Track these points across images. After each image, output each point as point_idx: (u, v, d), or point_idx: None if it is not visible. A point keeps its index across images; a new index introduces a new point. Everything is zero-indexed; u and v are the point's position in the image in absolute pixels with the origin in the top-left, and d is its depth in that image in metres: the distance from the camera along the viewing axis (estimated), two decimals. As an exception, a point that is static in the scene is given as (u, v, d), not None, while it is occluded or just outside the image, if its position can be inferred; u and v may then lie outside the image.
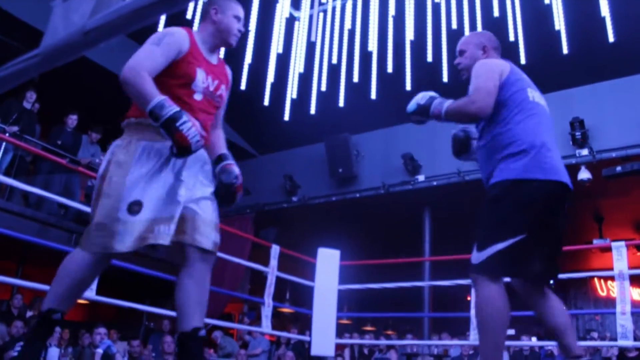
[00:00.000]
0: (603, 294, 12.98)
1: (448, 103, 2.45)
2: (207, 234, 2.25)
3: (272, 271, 5.60)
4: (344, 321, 14.87)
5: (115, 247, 2.12)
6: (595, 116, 7.76)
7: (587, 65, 7.69)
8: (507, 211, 2.29)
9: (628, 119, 7.58)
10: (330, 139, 9.39)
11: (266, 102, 8.43)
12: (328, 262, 6.21)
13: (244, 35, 7.75)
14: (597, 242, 9.30)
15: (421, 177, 8.90)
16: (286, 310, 13.87)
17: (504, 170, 2.33)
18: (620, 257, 4.97)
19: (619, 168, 7.58)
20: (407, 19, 7.54)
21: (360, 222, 10.95)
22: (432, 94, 2.58)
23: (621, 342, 4.56)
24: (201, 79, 2.33)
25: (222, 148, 2.54)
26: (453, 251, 6.23)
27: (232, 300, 10.76)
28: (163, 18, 7.24)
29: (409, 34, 7.56)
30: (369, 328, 15.65)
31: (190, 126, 2.08)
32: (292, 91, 8.28)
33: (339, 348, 8.82)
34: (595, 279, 12.91)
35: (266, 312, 5.49)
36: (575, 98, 8.10)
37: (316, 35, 8.05)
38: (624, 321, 4.67)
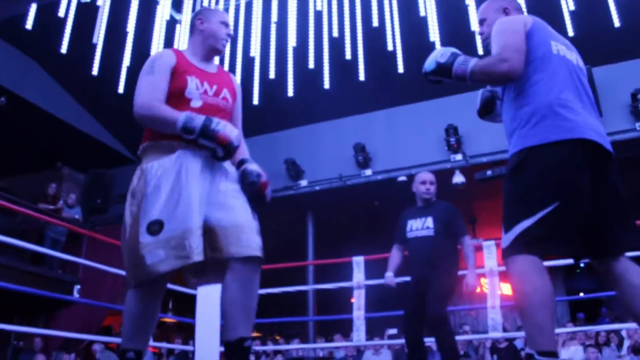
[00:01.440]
0: (477, 290, 13.73)
1: (474, 62, 2.17)
2: (245, 240, 2.17)
3: (153, 281, 5.42)
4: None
5: (149, 272, 2.09)
6: (468, 123, 8.21)
7: (459, 75, 8.13)
8: (529, 182, 2.00)
9: (498, 126, 8.04)
10: (212, 144, 9.24)
11: (145, 107, 8.16)
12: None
13: (123, 37, 7.47)
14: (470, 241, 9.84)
15: (304, 182, 8.99)
16: (169, 320, 13.50)
17: (522, 138, 2.08)
18: (490, 255, 5.28)
19: (489, 172, 8.07)
20: (290, 25, 7.60)
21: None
22: (453, 49, 2.29)
23: (492, 334, 4.84)
24: (194, 86, 2.32)
25: (242, 154, 2.50)
26: (336, 254, 6.35)
27: (112, 312, 10.30)
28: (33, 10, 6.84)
29: (291, 41, 7.62)
30: (255, 334, 15.55)
31: (224, 124, 2.15)
32: (173, 96, 8.09)
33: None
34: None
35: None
36: (449, 106, 8.54)
37: (198, 39, 7.91)
38: (494, 314, 4.97)
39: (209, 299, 6.04)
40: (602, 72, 7.55)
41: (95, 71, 7.63)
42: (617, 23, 6.70)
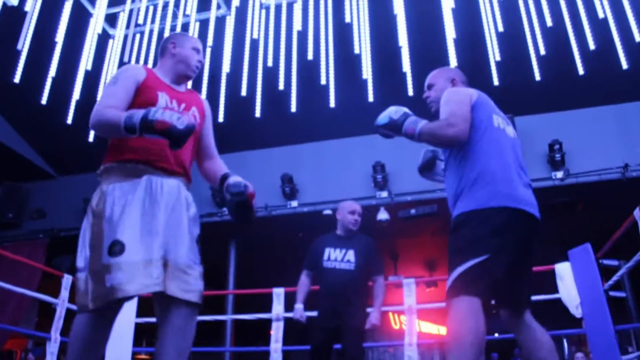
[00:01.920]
0: (396, 327, 13.86)
1: (423, 123, 2.43)
2: (192, 284, 2.17)
3: (62, 303, 5.17)
4: (142, 356, 14.17)
5: (111, 294, 1.99)
6: (395, 162, 8.38)
7: (389, 114, 8.31)
8: (467, 236, 2.26)
9: (422, 166, 8.29)
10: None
11: (69, 121, 7.86)
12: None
13: (50, 47, 7.21)
14: (391, 278, 9.96)
15: (228, 210, 8.88)
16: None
17: (469, 200, 2.31)
18: (410, 293, 5.36)
19: (413, 211, 8.24)
20: (225, 51, 7.57)
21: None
22: (405, 109, 2.57)
23: (407, 374, 4.86)
24: (164, 102, 2.31)
25: (223, 169, 2.59)
26: (257, 285, 6.27)
27: (14, 335, 9.73)
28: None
29: (225, 66, 7.58)
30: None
31: (162, 112, 2.03)
32: (99, 111, 7.84)
33: (133, 385, 8.34)
34: (390, 313, 13.76)
35: (52, 348, 5.02)
36: (378, 143, 8.67)
37: (130, 56, 7.74)
38: (410, 352, 5.02)
39: (122, 323, 5.81)
40: (523, 122, 7.92)
41: (17, 79, 7.31)
42: (538, 77, 7.04)
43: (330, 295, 3.99)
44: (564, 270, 5.21)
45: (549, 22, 6.80)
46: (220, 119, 7.86)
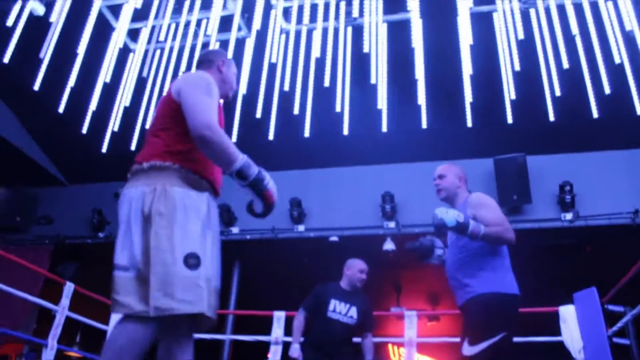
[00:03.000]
0: (395, 359, 13.71)
1: (483, 226, 2.97)
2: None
3: (61, 311, 5.18)
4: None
5: (187, 309, 1.91)
6: (404, 192, 8.38)
7: (402, 146, 8.33)
8: (492, 313, 2.87)
9: (432, 200, 8.26)
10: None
11: (84, 130, 7.94)
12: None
13: (72, 57, 7.32)
14: (394, 309, 9.89)
15: (235, 229, 8.88)
16: (74, 354, 12.84)
17: (489, 285, 2.99)
18: (411, 325, 5.33)
19: (419, 243, 8.20)
20: (243, 73, 7.65)
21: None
22: (456, 211, 3.01)
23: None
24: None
25: None
26: (259, 306, 6.25)
27: (10, 339, 9.70)
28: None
29: (242, 88, 7.65)
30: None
31: (273, 184, 2.08)
32: (114, 123, 7.91)
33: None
34: (390, 345, 13.63)
35: (48, 355, 5.01)
36: (389, 174, 8.71)
37: (149, 71, 7.83)
38: (408, 387, 4.96)
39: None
40: (535, 161, 7.93)
41: (37, 86, 7.42)
42: (552, 117, 7.06)
43: (329, 343, 4.29)
44: (567, 313, 5.16)
45: (566, 64, 6.83)
46: (234, 139, 7.91)
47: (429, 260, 3.41)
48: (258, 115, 7.71)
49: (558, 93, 6.93)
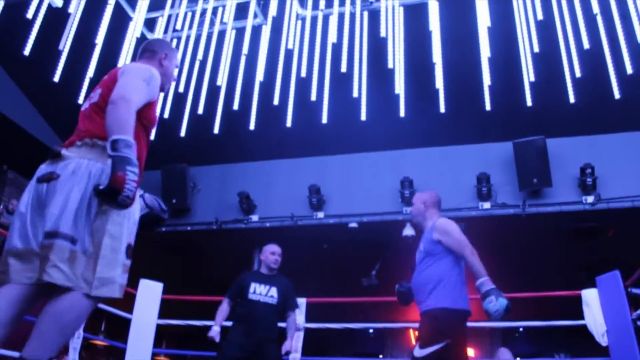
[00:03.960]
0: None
1: (481, 276, 3.45)
2: None
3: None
4: (161, 358, 14.29)
5: (119, 292, 2.11)
6: (423, 177, 8.34)
7: (420, 131, 8.28)
8: (438, 327, 3.36)
9: (451, 184, 8.25)
10: (167, 167, 9.12)
11: (104, 121, 8.01)
12: (149, 294, 5.96)
13: (90, 48, 7.36)
14: (414, 295, 9.88)
15: (255, 217, 8.93)
16: (99, 342, 13.04)
17: (439, 300, 3.45)
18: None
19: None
20: (260, 60, 7.64)
21: (190, 257, 10.68)
22: (488, 297, 3.37)
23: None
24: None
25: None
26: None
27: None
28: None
29: (259, 75, 7.65)
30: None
31: (133, 175, 1.98)
32: (133, 114, 7.96)
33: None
34: (411, 330, 13.66)
35: (75, 343, 5.09)
36: (408, 159, 8.68)
37: (166, 61, 7.85)
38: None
39: (143, 324, 5.86)
40: (555, 144, 7.83)
41: (57, 78, 7.48)
42: (572, 99, 6.96)
43: (253, 323, 4.58)
44: (590, 297, 5.12)
45: (586, 44, 6.72)
46: (252, 126, 7.92)
47: (408, 303, 3.87)
48: (276, 102, 7.71)
49: (578, 74, 6.82)
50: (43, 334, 1.93)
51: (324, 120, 7.72)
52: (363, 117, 7.60)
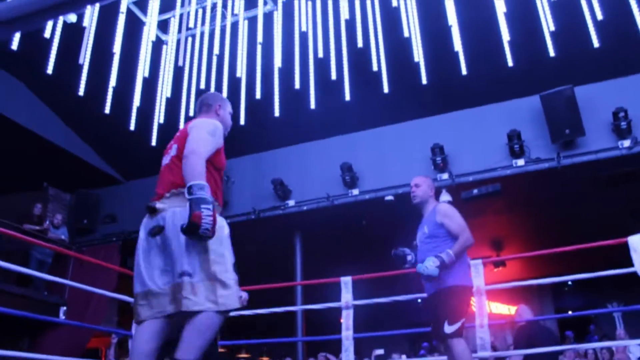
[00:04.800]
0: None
1: (451, 250, 3.69)
2: None
3: (139, 302, 5.38)
4: (218, 349, 14.53)
5: (238, 303, 2.57)
6: (453, 143, 8.29)
7: (445, 95, 8.21)
8: (462, 301, 3.75)
9: (482, 146, 8.17)
10: (200, 164, 9.24)
11: (132, 127, 8.15)
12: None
13: (109, 58, 7.48)
14: (457, 260, 9.87)
15: (291, 202, 9.00)
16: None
17: (456, 279, 3.71)
18: (477, 274, 5.29)
19: (475, 191, 8.13)
20: (276, 46, 7.66)
21: (233, 248, 10.83)
22: (432, 258, 3.65)
23: (481, 354, 4.82)
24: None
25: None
26: (324, 274, 6.34)
27: (96, 334, 10.18)
28: (18, 36, 6.85)
29: (277, 61, 7.67)
30: (243, 355, 15.43)
31: (209, 218, 2.39)
32: (159, 116, 8.08)
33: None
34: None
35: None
36: (435, 125, 8.61)
37: (184, 60, 7.94)
38: (482, 334, 4.96)
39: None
40: (584, 91, 7.68)
41: (81, 92, 7.63)
42: (596, 43, 6.81)
43: None
44: (638, 243, 5.03)
45: (606, -14, 6.55)
46: (276, 113, 7.97)
47: (404, 266, 4.08)
48: (297, 86, 7.72)
49: (600, 17, 6.66)
50: (189, 343, 2.41)
51: (347, 97, 7.71)
52: (386, 89, 7.57)
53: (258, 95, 7.86)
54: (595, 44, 6.81)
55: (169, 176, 2.75)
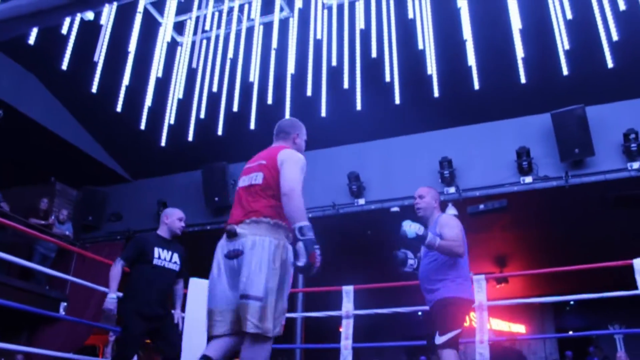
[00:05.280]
0: (466, 324, 13.65)
1: (438, 239, 3.61)
2: None
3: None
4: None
5: (282, 331, 2.80)
6: (462, 157, 8.28)
7: (456, 109, 8.21)
8: (455, 311, 3.62)
9: (490, 161, 8.16)
10: (207, 167, 9.26)
11: (142, 126, 8.18)
12: (200, 291, 6.08)
13: (124, 57, 7.52)
14: (460, 275, 9.83)
15: (297, 208, 8.98)
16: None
17: (449, 290, 3.65)
18: (480, 289, 5.28)
19: (482, 206, 8.12)
20: (289, 52, 7.68)
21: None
22: (417, 224, 3.61)
23: (480, 371, 4.80)
24: None
25: None
26: (326, 282, 6.34)
27: (96, 330, 10.18)
28: (35, 30, 6.91)
29: (290, 68, 7.69)
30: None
31: (319, 252, 2.69)
32: (170, 117, 8.11)
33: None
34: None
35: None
36: (445, 139, 8.61)
37: (198, 62, 7.97)
38: (482, 349, 4.95)
39: (194, 321, 6.00)
40: (595, 111, 7.66)
41: (94, 89, 7.67)
42: (610, 64, 6.80)
43: (154, 291, 4.37)
44: (643, 265, 5.01)
45: (622, 6, 6.54)
46: (286, 116, 7.98)
47: (403, 269, 3.99)
48: (309, 93, 7.74)
49: (615, 37, 6.65)
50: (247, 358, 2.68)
51: (358, 107, 7.72)
52: (397, 100, 7.57)
53: (270, 101, 7.89)
54: (610, 64, 6.80)
55: (251, 203, 2.92)
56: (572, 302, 13.81)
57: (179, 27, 8.15)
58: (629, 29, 6.69)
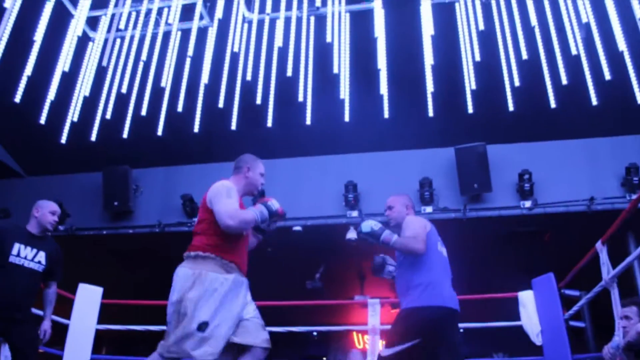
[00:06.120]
0: (360, 346, 13.84)
1: (395, 236, 3.37)
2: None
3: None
4: (99, 364, 13.89)
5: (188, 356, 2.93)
6: (367, 181, 8.43)
7: (364, 135, 8.37)
8: (407, 325, 3.29)
9: (394, 189, 8.34)
10: (108, 169, 8.92)
11: (43, 121, 7.76)
12: (88, 299, 5.81)
13: (28, 45, 7.13)
14: (357, 298, 9.97)
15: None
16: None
17: (413, 300, 3.32)
18: (374, 313, 5.38)
19: (381, 231, 8.27)
20: (205, 62, 7.58)
21: (133, 260, 10.46)
22: (378, 222, 3.44)
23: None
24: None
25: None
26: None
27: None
28: None
29: (204, 77, 7.59)
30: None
31: (273, 202, 3.28)
32: (74, 114, 7.75)
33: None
34: (354, 332, 13.75)
35: (5, 351, 4.89)
36: (352, 163, 8.75)
37: (109, 61, 7.70)
38: (372, 373, 5.02)
39: (82, 330, 5.71)
40: (495, 150, 8.06)
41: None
42: (511, 107, 7.19)
43: (11, 292, 3.83)
44: (526, 298, 5.29)
45: (525, 55, 6.96)
46: (196, 129, 7.85)
47: (381, 275, 3.72)
48: (220, 105, 7.65)
49: (517, 83, 7.05)
50: None
51: (269, 124, 7.72)
52: (308, 121, 7.64)
53: (180, 108, 7.72)
54: (511, 107, 7.19)
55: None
56: (461, 330, 14.30)
57: (93, 22, 7.84)
58: (529, 77, 7.11)
